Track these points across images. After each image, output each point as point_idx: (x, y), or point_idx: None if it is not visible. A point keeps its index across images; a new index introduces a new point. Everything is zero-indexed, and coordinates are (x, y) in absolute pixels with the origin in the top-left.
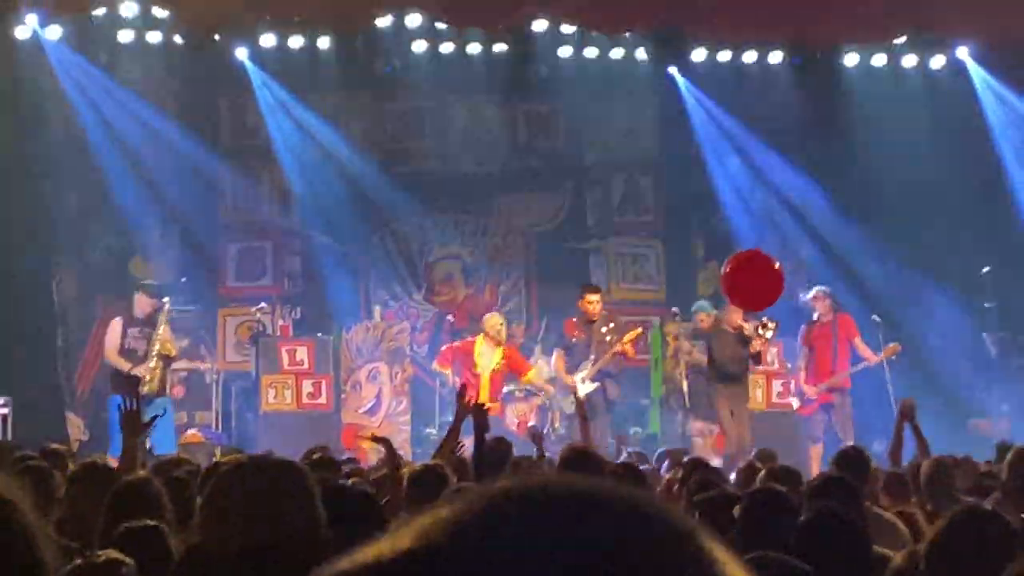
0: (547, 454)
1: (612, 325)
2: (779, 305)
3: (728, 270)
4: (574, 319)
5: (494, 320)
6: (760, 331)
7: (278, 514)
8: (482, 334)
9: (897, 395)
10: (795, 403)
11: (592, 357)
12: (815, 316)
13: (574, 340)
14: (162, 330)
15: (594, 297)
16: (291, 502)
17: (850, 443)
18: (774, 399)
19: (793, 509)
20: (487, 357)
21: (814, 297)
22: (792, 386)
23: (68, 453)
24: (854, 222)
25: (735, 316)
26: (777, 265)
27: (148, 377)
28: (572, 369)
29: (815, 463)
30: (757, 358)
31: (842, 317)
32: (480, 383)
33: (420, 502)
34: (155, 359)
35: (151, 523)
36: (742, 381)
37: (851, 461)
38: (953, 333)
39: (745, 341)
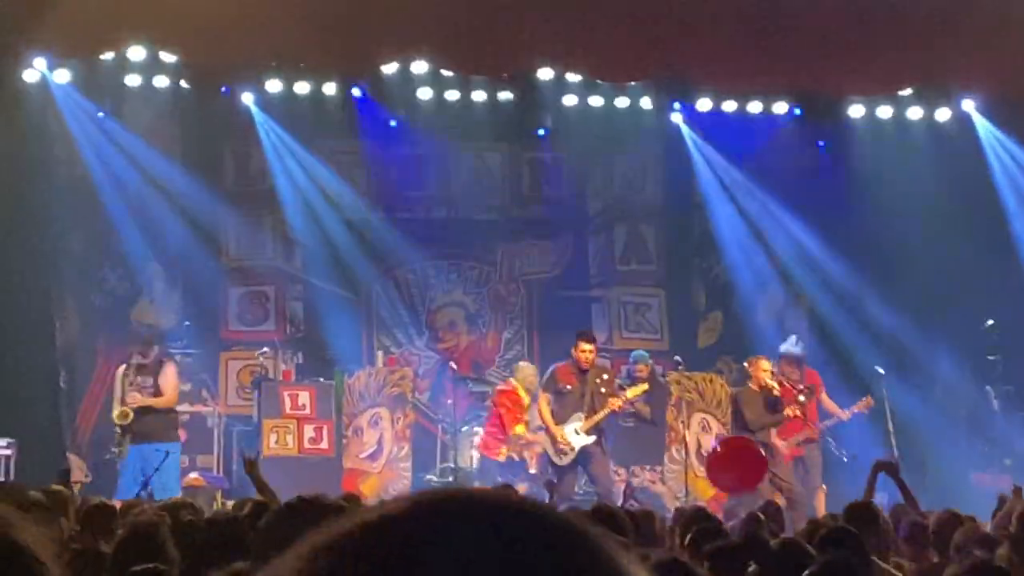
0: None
1: (606, 377)
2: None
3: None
4: (567, 365)
5: (528, 371)
6: (800, 398)
7: None
8: (520, 387)
9: (901, 448)
10: None
11: (586, 408)
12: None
13: (568, 388)
14: (129, 395)
15: (588, 346)
16: None
17: (820, 490)
18: None
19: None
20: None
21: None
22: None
23: (70, 495)
24: (858, 273)
25: (763, 375)
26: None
27: (117, 439)
28: (562, 418)
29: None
30: (781, 422)
31: (809, 372)
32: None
33: None
34: (117, 428)
35: (160, 567)
36: (768, 440)
37: (860, 515)
38: (957, 386)
39: (775, 404)
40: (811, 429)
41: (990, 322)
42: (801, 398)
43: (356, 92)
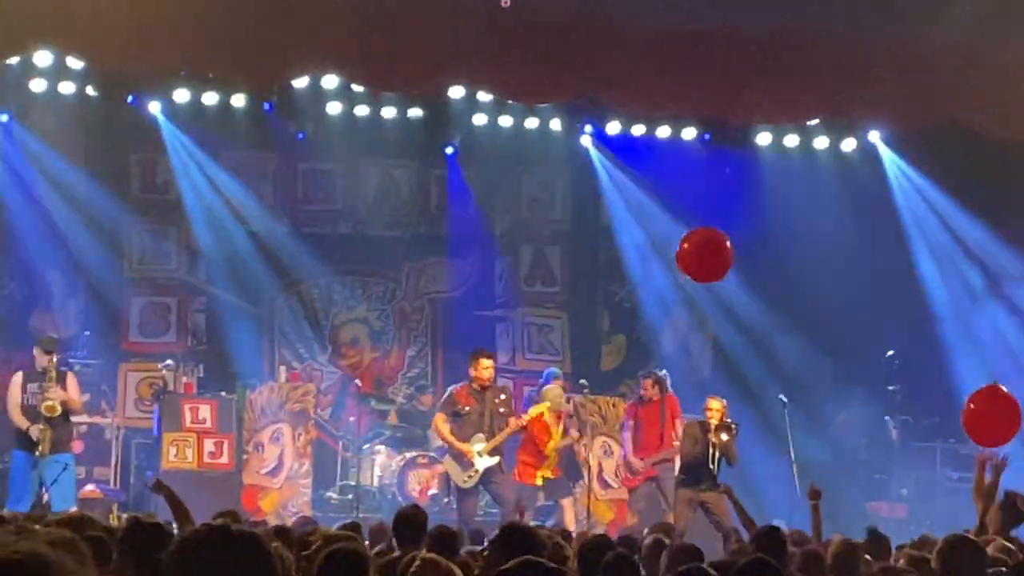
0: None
1: (504, 397)
2: None
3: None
4: (465, 386)
5: (554, 392)
6: (722, 435)
7: None
8: (545, 406)
9: (801, 475)
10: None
11: (486, 430)
12: (642, 394)
13: (466, 409)
14: (50, 390)
15: (488, 363)
16: None
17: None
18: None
19: None
20: (554, 428)
21: (642, 378)
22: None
23: None
24: (763, 300)
25: (708, 413)
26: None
27: (39, 438)
28: (463, 439)
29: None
30: (727, 457)
31: (669, 398)
32: (546, 456)
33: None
34: (42, 420)
35: None
36: (708, 479)
37: (769, 542)
38: (857, 415)
39: (704, 435)
40: (669, 450)
41: (890, 352)
42: (724, 435)
43: (265, 110)
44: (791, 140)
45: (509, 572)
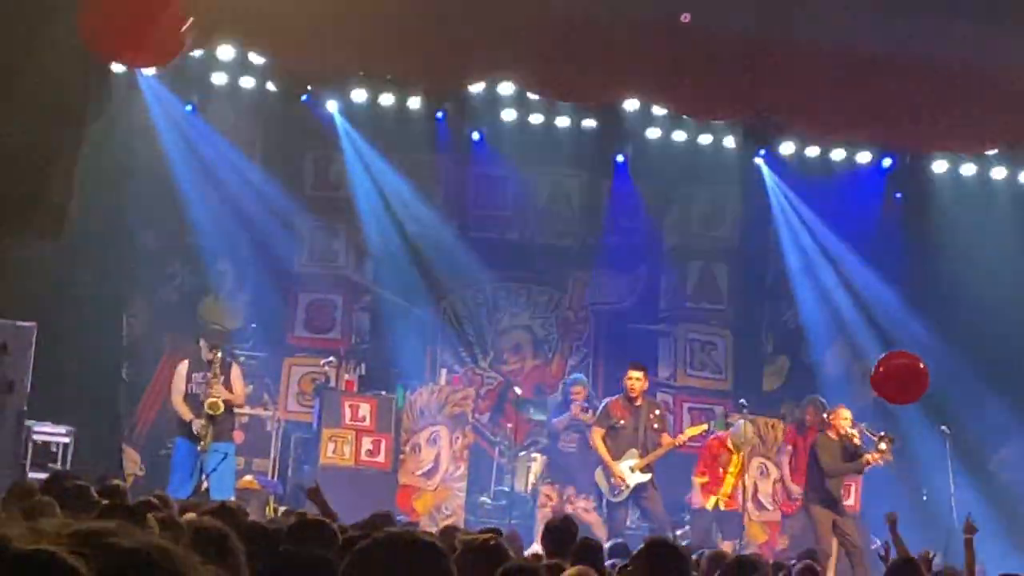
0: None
1: (658, 413)
2: None
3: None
4: (619, 399)
5: (743, 429)
6: (880, 445)
7: None
8: (703, 428)
9: (959, 509)
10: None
11: (640, 445)
12: (805, 419)
13: (621, 423)
14: (215, 387)
15: (637, 374)
16: None
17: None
18: None
19: None
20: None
21: (807, 404)
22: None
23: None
24: (930, 330)
25: (843, 423)
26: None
27: (200, 432)
28: (617, 454)
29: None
30: (860, 469)
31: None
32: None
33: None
34: (204, 416)
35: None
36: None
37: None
38: (1019, 453)
39: (853, 453)
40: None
41: None
42: (882, 445)
43: (439, 114)
44: (968, 169)
45: None
